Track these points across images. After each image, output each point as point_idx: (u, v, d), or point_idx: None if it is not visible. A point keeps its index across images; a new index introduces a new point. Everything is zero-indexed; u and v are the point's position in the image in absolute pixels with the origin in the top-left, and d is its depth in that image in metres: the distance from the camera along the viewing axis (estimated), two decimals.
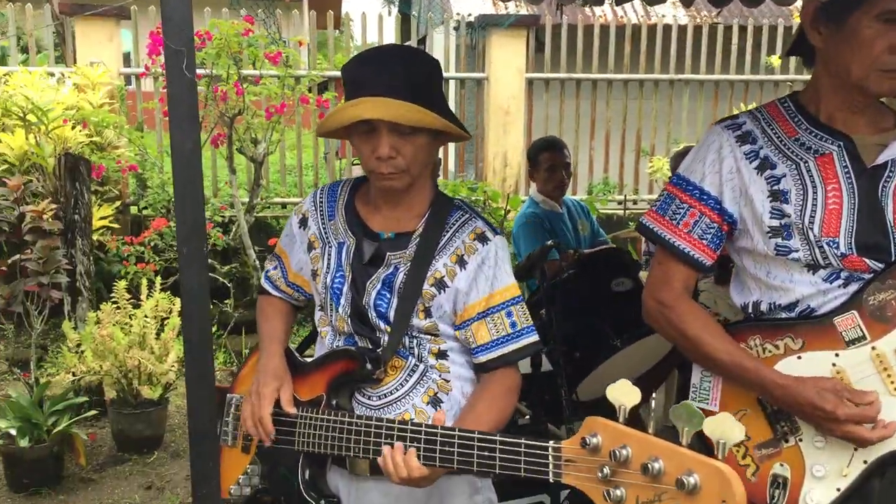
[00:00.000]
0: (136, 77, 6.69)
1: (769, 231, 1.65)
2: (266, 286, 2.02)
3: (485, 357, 1.73)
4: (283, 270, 1.98)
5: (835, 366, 1.61)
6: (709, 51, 7.56)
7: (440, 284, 1.72)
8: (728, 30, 7.59)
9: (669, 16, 8.40)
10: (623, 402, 1.23)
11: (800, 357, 1.64)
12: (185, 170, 1.14)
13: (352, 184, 1.90)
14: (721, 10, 3.69)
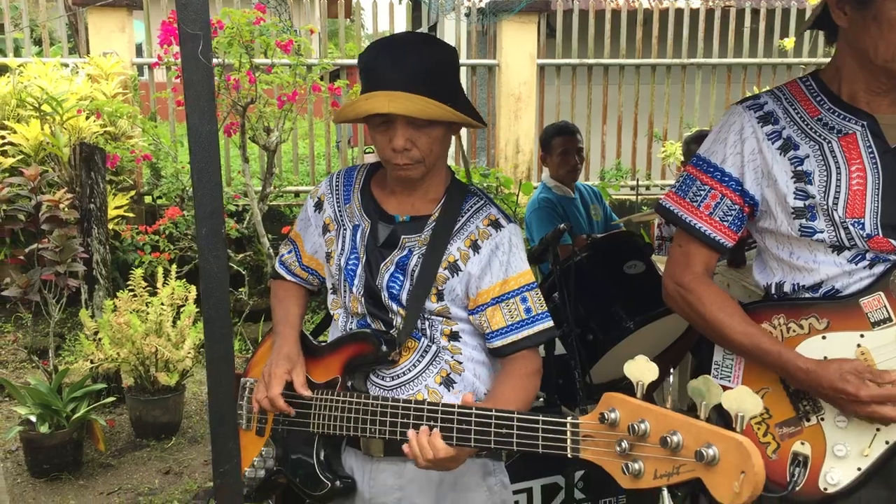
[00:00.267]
0: (149, 67, 6.72)
1: (793, 212, 1.64)
2: (280, 270, 2.04)
3: (500, 342, 1.74)
4: (298, 254, 2.00)
5: (859, 346, 1.61)
6: (721, 34, 7.51)
7: (453, 268, 1.74)
8: (741, 13, 7.55)
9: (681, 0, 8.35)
10: (641, 379, 1.24)
11: (824, 337, 1.64)
12: (203, 153, 1.16)
13: (368, 168, 1.92)
14: None
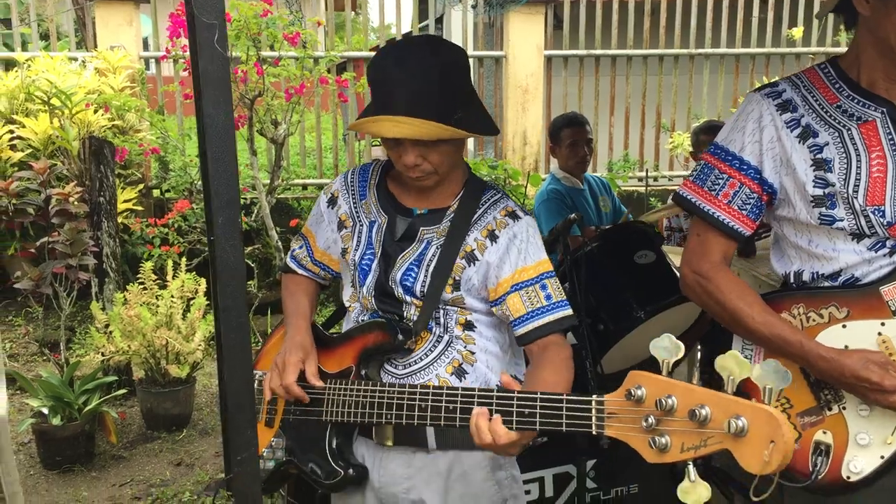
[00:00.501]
0: (157, 61, 6.73)
1: (813, 200, 1.64)
2: (291, 265, 2.06)
3: (523, 329, 1.74)
4: (309, 249, 2.01)
5: (880, 335, 1.60)
6: (729, 24, 7.48)
7: (470, 258, 1.75)
8: (749, 2, 7.50)
9: None
10: (667, 357, 1.24)
11: (845, 326, 1.63)
12: (219, 142, 1.16)
13: (383, 165, 1.93)
14: None
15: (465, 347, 1.79)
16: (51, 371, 4.02)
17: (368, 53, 6.95)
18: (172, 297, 4.26)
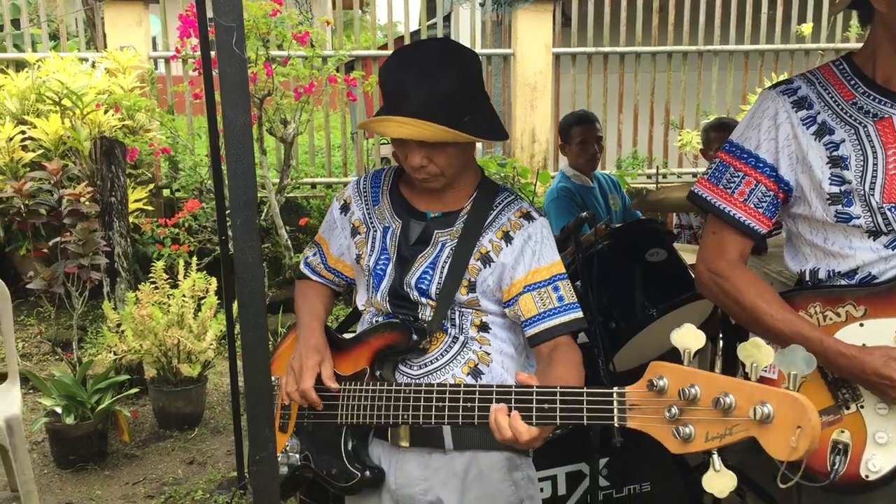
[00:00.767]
0: (166, 61, 6.75)
1: (829, 198, 1.63)
2: (305, 271, 2.07)
3: (534, 330, 1.75)
4: (323, 256, 2.02)
5: None
6: (738, 20, 7.45)
7: (486, 259, 1.76)
8: None
9: None
10: (688, 346, 1.24)
11: (862, 325, 1.63)
12: (238, 144, 1.17)
13: (395, 170, 1.94)
14: None
15: (481, 348, 1.79)
16: (63, 370, 4.04)
17: (377, 52, 6.96)
18: (184, 297, 4.28)
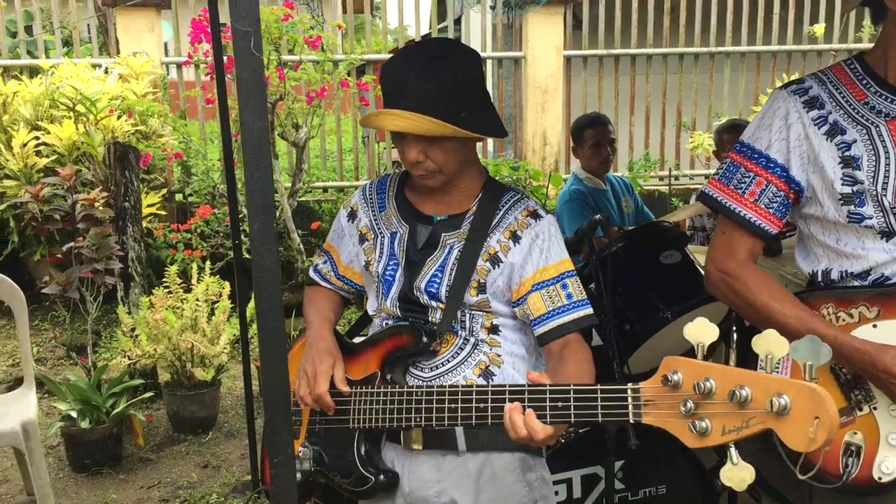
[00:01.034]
0: (178, 66, 6.78)
1: (841, 198, 1.62)
2: (315, 278, 2.07)
3: (543, 328, 1.75)
4: (333, 264, 2.03)
5: None
6: (750, 21, 7.43)
7: (494, 260, 1.76)
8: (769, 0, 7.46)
9: None
10: (701, 340, 1.23)
11: (875, 326, 1.62)
12: (255, 149, 1.18)
13: (400, 175, 1.95)
14: None
15: (491, 350, 1.79)
16: (78, 375, 4.06)
17: (388, 56, 6.97)
18: (197, 301, 4.29)
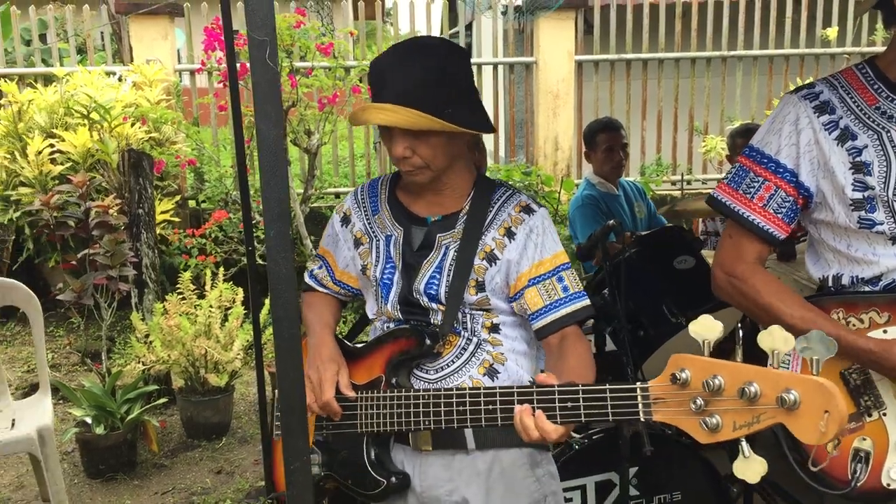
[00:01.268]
0: (191, 73, 6.82)
1: (852, 204, 1.62)
2: (311, 283, 2.07)
3: (541, 322, 1.76)
4: (330, 269, 2.03)
5: None
6: (762, 25, 7.40)
7: (491, 257, 1.77)
8: (782, 3, 7.43)
9: None
10: (706, 337, 1.24)
11: (885, 331, 1.61)
12: (271, 157, 1.18)
13: (391, 178, 1.95)
14: None
15: (494, 349, 1.80)
16: (93, 381, 4.08)
17: None
18: (211, 307, 4.31)
